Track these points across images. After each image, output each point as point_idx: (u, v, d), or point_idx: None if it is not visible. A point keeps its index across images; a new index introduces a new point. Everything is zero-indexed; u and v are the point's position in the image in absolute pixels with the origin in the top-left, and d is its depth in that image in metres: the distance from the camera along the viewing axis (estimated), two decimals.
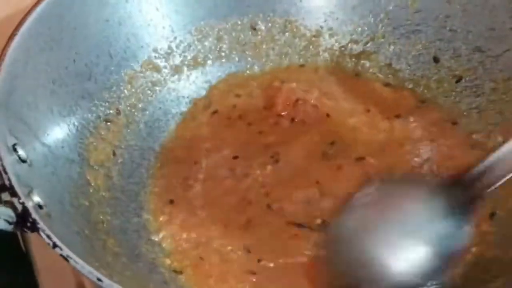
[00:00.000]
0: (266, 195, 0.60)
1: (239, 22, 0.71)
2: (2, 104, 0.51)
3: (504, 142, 0.60)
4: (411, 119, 0.65)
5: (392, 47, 0.71)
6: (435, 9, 0.69)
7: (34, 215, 0.45)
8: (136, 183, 0.62)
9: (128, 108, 0.66)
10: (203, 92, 0.70)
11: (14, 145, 0.50)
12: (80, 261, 0.43)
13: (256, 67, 0.72)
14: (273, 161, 0.62)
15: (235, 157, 0.63)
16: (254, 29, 0.72)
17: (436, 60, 0.68)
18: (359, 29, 0.72)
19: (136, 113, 0.66)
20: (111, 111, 0.64)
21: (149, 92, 0.68)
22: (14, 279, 0.66)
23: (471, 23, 0.66)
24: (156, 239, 0.59)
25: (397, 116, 0.66)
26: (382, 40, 0.71)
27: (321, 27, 0.72)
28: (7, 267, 0.66)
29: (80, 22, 0.62)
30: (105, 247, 0.53)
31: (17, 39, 0.56)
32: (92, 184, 0.59)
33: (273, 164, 0.62)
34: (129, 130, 0.65)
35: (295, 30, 0.72)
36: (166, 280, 0.55)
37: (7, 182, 0.46)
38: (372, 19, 0.71)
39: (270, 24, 0.72)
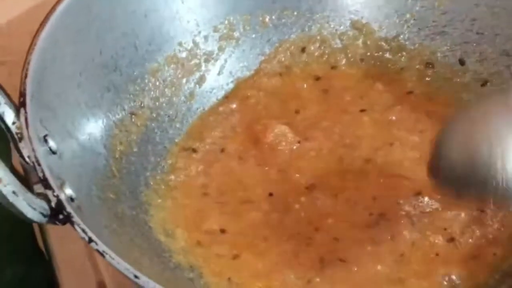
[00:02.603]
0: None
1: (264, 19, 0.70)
2: (33, 94, 0.50)
3: None
4: (438, 118, 0.65)
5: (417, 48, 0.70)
6: (462, 11, 0.68)
7: (69, 208, 0.44)
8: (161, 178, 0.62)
9: (152, 101, 0.65)
10: (228, 88, 0.69)
11: (45, 136, 0.50)
12: (116, 257, 0.43)
13: None
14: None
15: None
16: None
17: (461, 62, 0.68)
18: (384, 29, 0.71)
19: (159, 107, 0.66)
20: (136, 104, 0.63)
21: (172, 86, 0.67)
22: (28, 273, 0.65)
23: (499, 26, 0.66)
24: None
25: (425, 114, 0.65)
26: (408, 41, 0.70)
27: (346, 25, 0.72)
28: (22, 261, 0.66)
29: (107, 13, 0.61)
30: (133, 242, 0.53)
31: (46, 29, 0.55)
32: (118, 177, 0.58)
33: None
34: (153, 124, 0.64)
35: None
36: (192, 278, 0.55)
37: (40, 174, 0.46)
38: (398, 19, 0.71)
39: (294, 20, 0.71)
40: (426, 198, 0.59)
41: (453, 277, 0.54)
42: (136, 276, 0.41)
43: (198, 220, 0.60)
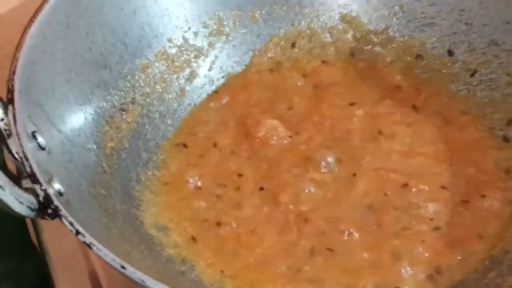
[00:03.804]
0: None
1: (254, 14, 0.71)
2: (22, 91, 0.51)
3: None
4: (427, 110, 0.65)
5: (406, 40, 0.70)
6: (451, 2, 0.68)
7: (56, 202, 0.45)
8: (152, 174, 0.62)
9: (143, 97, 0.65)
10: (219, 83, 0.70)
11: (33, 132, 0.50)
12: (103, 248, 0.43)
13: None
14: None
15: None
16: None
17: (450, 53, 0.68)
18: (373, 22, 0.71)
19: (150, 103, 0.66)
20: (126, 101, 0.64)
21: (163, 82, 0.67)
22: (21, 267, 0.66)
23: (487, 16, 0.66)
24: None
25: (413, 108, 0.65)
26: (397, 33, 0.71)
27: (335, 19, 0.72)
28: (15, 255, 0.66)
29: (96, 10, 0.62)
30: (123, 236, 0.53)
31: (34, 25, 0.55)
32: (108, 172, 0.58)
33: None
34: (144, 120, 0.65)
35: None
36: (183, 271, 0.55)
37: (28, 169, 0.46)
38: (387, 12, 0.71)
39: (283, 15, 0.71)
40: (414, 189, 0.59)
41: (441, 264, 0.54)
42: (123, 267, 0.42)
43: (190, 215, 0.60)
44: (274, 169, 0.62)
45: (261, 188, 0.61)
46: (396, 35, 0.71)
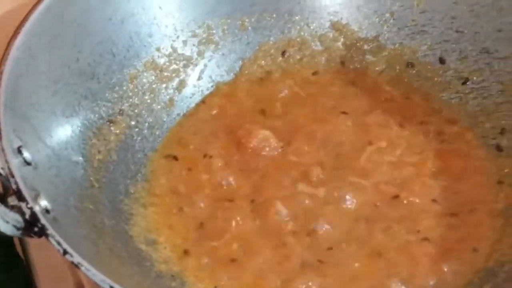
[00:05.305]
0: None
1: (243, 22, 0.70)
2: (7, 104, 0.50)
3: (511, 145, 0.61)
4: (418, 120, 0.65)
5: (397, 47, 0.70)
6: (442, 9, 0.68)
7: (43, 220, 0.44)
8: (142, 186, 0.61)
9: (131, 108, 0.64)
10: (209, 93, 0.69)
11: (19, 147, 0.49)
12: (92, 269, 0.42)
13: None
14: None
15: None
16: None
17: (442, 61, 0.68)
18: (364, 29, 0.71)
19: (138, 114, 0.65)
20: (114, 112, 0.63)
21: (151, 92, 0.66)
22: (7, 279, 0.65)
23: (478, 24, 0.66)
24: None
25: (403, 117, 0.65)
26: (388, 41, 0.70)
27: (326, 27, 0.71)
28: (0, 267, 0.65)
29: (83, 20, 0.61)
30: (112, 252, 0.52)
31: (20, 37, 0.54)
32: (96, 186, 0.57)
33: None
34: (132, 131, 0.64)
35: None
36: (174, 287, 0.54)
37: (14, 186, 0.45)
38: (377, 19, 0.71)
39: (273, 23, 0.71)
40: (405, 201, 0.59)
41: (434, 277, 0.54)
42: (112, 287, 0.41)
43: (181, 228, 0.59)
44: (265, 181, 0.61)
45: (253, 201, 0.60)
46: (387, 42, 0.70)
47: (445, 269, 0.54)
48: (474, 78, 0.66)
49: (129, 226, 0.57)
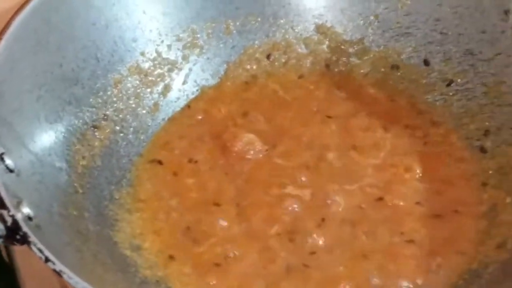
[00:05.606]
0: None
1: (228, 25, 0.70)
2: None
3: (495, 146, 0.61)
4: (403, 122, 0.65)
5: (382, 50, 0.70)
6: (426, 12, 0.68)
7: (25, 228, 0.43)
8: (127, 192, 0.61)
9: (115, 113, 0.64)
10: (194, 97, 0.69)
11: (1, 154, 0.49)
12: (74, 276, 0.42)
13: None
14: None
15: None
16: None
17: (426, 63, 0.68)
18: (349, 32, 0.71)
19: (123, 119, 0.65)
20: (98, 117, 0.62)
21: (136, 97, 0.66)
22: None
23: (462, 26, 0.66)
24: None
25: (388, 120, 0.65)
26: (372, 43, 0.70)
27: (310, 30, 0.71)
28: None
29: (66, 25, 0.61)
30: (96, 258, 0.52)
31: (2, 43, 0.54)
32: (81, 192, 0.57)
33: None
34: (116, 136, 0.63)
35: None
36: None
37: None
38: (362, 21, 0.71)
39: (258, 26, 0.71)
40: (389, 204, 0.59)
41: (419, 280, 0.54)
42: None
43: (166, 233, 0.59)
44: (250, 185, 0.61)
45: (238, 205, 0.60)
46: (371, 45, 0.70)
47: (430, 271, 0.54)
48: (459, 80, 0.66)
49: (114, 232, 0.57)
